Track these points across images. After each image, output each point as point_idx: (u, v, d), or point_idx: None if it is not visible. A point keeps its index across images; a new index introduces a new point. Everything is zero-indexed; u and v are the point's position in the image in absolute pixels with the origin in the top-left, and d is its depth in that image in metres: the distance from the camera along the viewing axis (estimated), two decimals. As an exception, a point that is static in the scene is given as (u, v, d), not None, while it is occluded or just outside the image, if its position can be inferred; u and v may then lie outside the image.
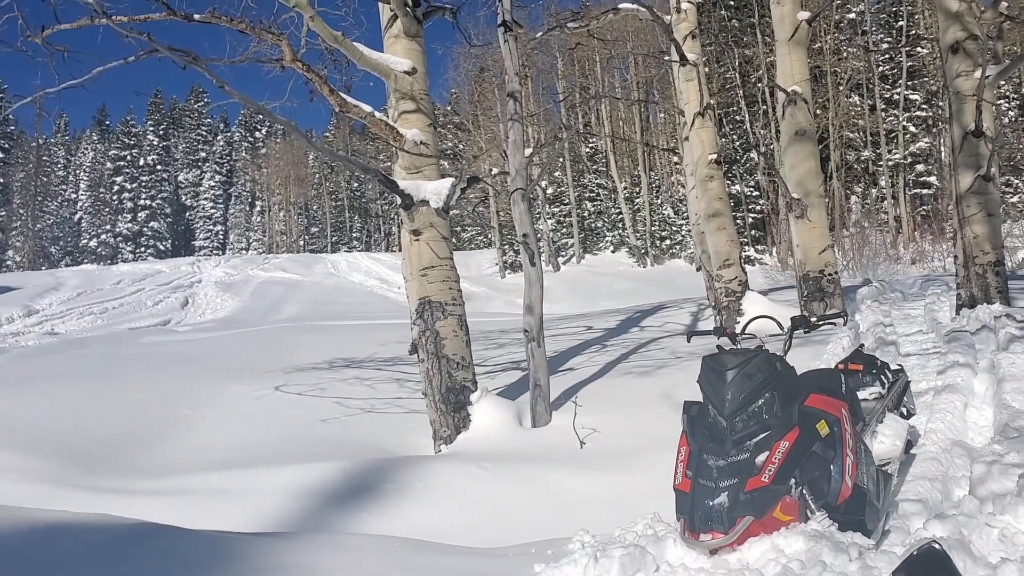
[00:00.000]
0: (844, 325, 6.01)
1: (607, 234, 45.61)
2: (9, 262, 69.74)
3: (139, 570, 2.90)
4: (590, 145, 46.63)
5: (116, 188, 76.29)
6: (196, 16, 5.74)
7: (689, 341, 4.24)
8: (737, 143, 38.31)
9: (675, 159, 39.87)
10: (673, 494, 3.32)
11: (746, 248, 34.44)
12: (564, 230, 46.20)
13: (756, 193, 39.12)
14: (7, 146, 74.16)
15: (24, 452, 6.12)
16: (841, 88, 36.87)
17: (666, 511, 3.56)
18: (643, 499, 4.39)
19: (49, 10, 6.24)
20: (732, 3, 38.92)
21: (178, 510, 4.54)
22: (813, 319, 3.93)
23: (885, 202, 36.45)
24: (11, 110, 7.50)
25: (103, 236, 74.81)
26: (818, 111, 31.87)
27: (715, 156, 10.79)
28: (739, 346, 3.66)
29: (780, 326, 3.91)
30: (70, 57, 6.57)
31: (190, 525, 3.82)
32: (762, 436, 3.20)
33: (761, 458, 3.14)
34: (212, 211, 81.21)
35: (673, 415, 5.59)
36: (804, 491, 3.19)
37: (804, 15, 10.03)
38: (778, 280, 25.87)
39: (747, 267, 11.26)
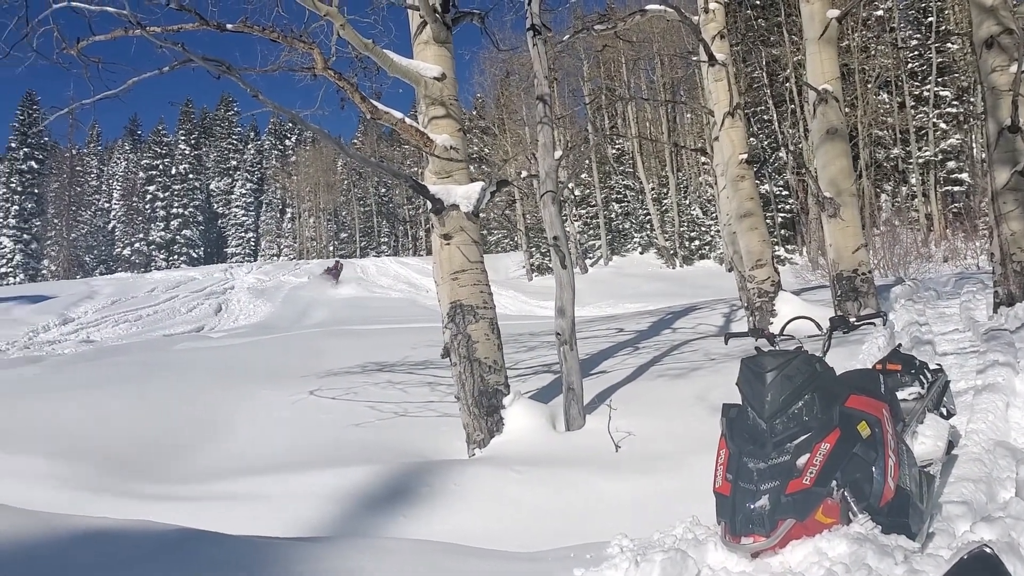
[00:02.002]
0: (883, 325, 5.95)
1: (635, 235, 45.46)
2: (44, 271, 70.83)
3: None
4: (617, 146, 46.51)
5: (149, 197, 77.26)
6: (229, 26, 5.79)
7: (727, 343, 4.20)
8: (765, 143, 38.06)
9: (703, 159, 39.68)
10: (712, 497, 3.29)
11: (776, 248, 34.16)
12: (591, 232, 46.13)
13: (785, 193, 38.82)
14: (41, 157, 75.34)
15: (64, 459, 6.21)
16: (870, 86, 36.50)
17: (705, 514, 3.53)
18: (681, 502, 4.36)
19: (84, 22, 6.34)
20: (758, 3, 38.65)
21: (216, 515, 4.58)
22: (852, 319, 3.89)
23: (916, 200, 36.02)
24: (47, 122, 7.62)
25: (137, 244, 75.80)
26: (847, 109, 31.55)
27: (745, 156, 10.72)
28: (777, 347, 3.63)
29: (818, 327, 3.87)
30: (104, 68, 6.67)
31: (229, 530, 3.85)
32: (803, 438, 3.16)
33: (802, 460, 3.11)
34: (243, 218, 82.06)
35: (709, 418, 5.57)
36: (846, 493, 3.15)
37: (834, 13, 9.93)
38: (809, 280, 25.64)
39: (778, 267, 11.16)
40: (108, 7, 5.97)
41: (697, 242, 42.46)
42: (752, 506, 3.08)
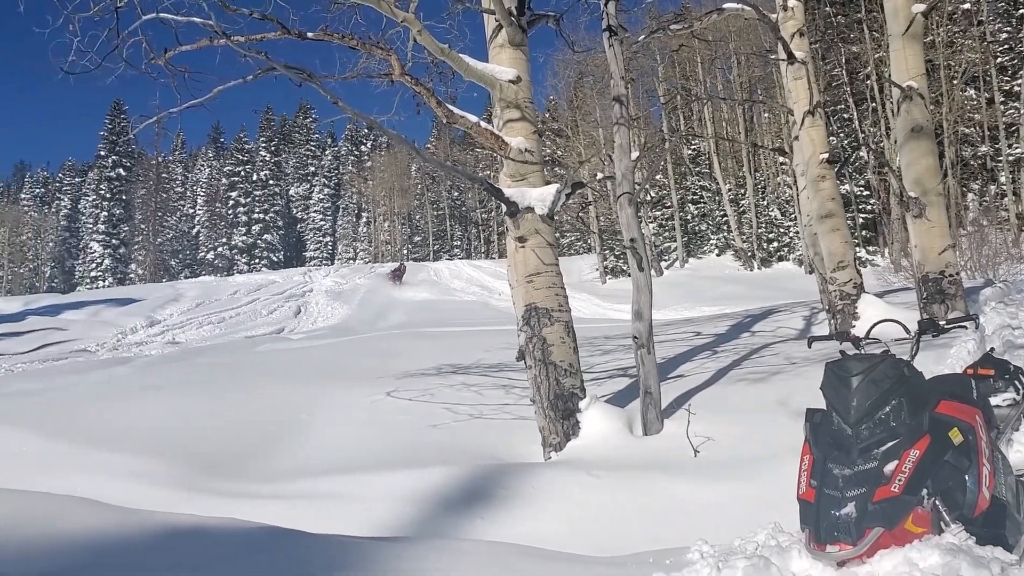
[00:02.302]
0: (975, 329, 5.73)
1: (711, 237, 44.86)
2: (132, 275, 73.37)
3: (265, 574, 2.98)
4: (692, 147, 45.99)
5: (231, 203, 79.36)
6: (309, 34, 5.91)
7: (811, 347, 4.11)
8: (845, 142, 37.17)
9: (781, 159, 38.95)
10: (795, 504, 3.22)
11: (857, 249, 33.31)
12: (667, 234, 45.68)
13: (866, 193, 37.85)
14: (129, 164, 78.11)
15: (152, 457, 6.41)
16: (956, 82, 35.32)
17: (788, 521, 3.45)
18: (762, 509, 4.27)
19: (171, 33, 6.54)
20: (837, -1, 37.82)
21: (299, 514, 4.67)
22: (942, 322, 3.76)
23: (1005, 199, 34.70)
24: (137, 130, 7.88)
25: (219, 249, 77.93)
26: (931, 106, 30.57)
27: (826, 155, 10.48)
28: (863, 351, 3.53)
29: (906, 330, 3.76)
30: (190, 78, 6.86)
31: (311, 529, 3.92)
32: (890, 444, 3.07)
33: (890, 467, 3.01)
34: (321, 223, 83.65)
35: (790, 423, 5.45)
36: (937, 502, 3.04)
37: (919, 7, 9.64)
38: (891, 282, 24.91)
39: (860, 269, 10.87)
40: (195, 18, 6.15)
41: (775, 244, 41.70)
42: (838, 513, 3.01)
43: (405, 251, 75.50)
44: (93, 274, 73.89)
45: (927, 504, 3.01)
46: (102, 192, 76.04)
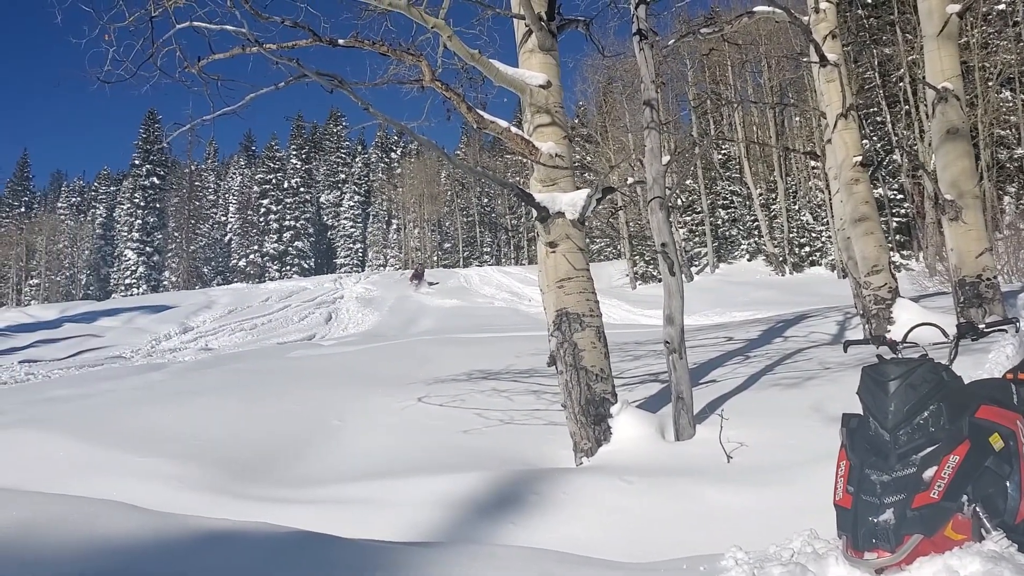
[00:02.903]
0: (1015, 333, 5.64)
1: (742, 242, 44.57)
2: (166, 282, 74.31)
3: (300, 577, 3.00)
4: (723, 151, 45.75)
5: (263, 210, 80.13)
6: (340, 41, 5.95)
7: (846, 351, 4.06)
8: (879, 145, 36.77)
9: (813, 163, 38.63)
10: (831, 510, 3.18)
11: (891, 253, 32.92)
12: (697, 239, 45.45)
13: (900, 196, 37.40)
14: (163, 173, 79.17)
15: (187, 461, 6.47)
16: (991, 83, 34.81)
17: (823, 528, 3.41)
18: (797, 515, 4.22)
19: (204, 42, 6.62)
20: (870, 1, 37.42)
21: (331, 519, 4.68)
22: (981, 326, 3.70)
23: (1043, 202, 34.14)
24: (171, 138, 7.96)
25: (251, 256, 78.69)
26: (966, 108, 30.14)
27: (860, 158, 10.37)
28: (900, 355, 3.48)
29: (944, 334, 3.70)
30: (223, 85, 6.94)
31: (344, 534, 3.93)
32: (929, 450, 3.02)
33: (929, 473, 2.97)
34: (352, 230, 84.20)
35: (824, 428, 5.39)
36: (978, 509, 2.99)
37: (954, 8, 9.52)
38: (926, 287, 24.57)
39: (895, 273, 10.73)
40: (228, 26, 6.22)
41: (807, 248, 41.34)
42: (876, 520, 2.97)
43: (435, 257, 75.77)
44: (128, 281, 74.92)
45: (967, 511, 2.96)
46: (136, 200, 77.11)
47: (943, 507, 2.91)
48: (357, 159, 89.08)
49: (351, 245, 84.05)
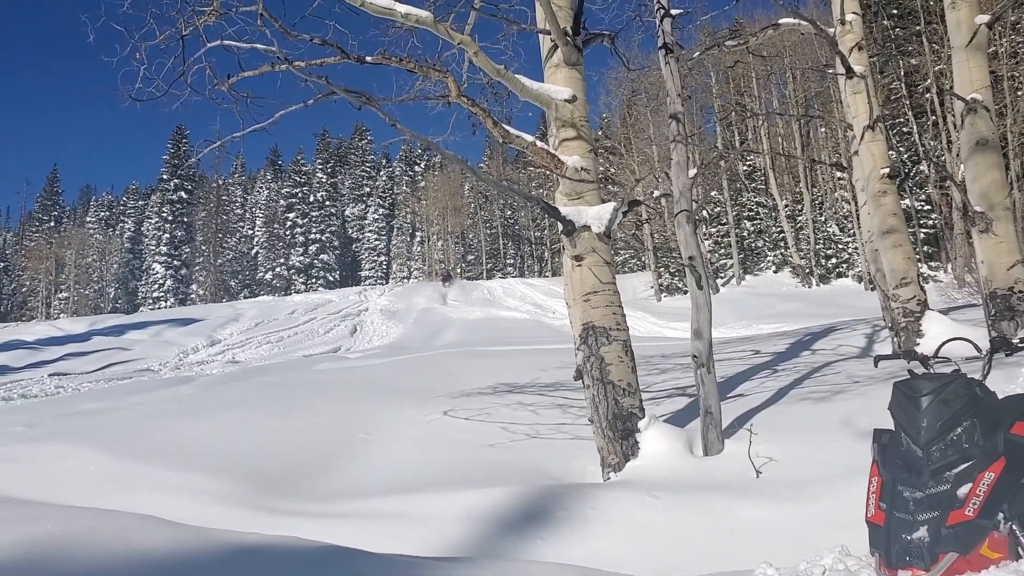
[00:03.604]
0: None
1: (768, 254, 44.30)
2: (193, 295, 74.96)
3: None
4: (748, 163, 45.57)
5: (289, 223, 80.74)
6: (368, 58, 6.00)
7: (876, 365, 4.02)
8: (905, 156, 36.48)
9: (839, 174, 38.37)
10: (863, 527, 3.15)
11: (919, 265, 32.58)
12: (723, 251, 45.23)
13: (928, 207, 37.04)
14: (190, 187, 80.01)
15: (217, 475, 6.51)
16: (1020, 93, 34.43)
17: (855, 544, 3.38)
18: (827, 531, 4.19)
19: (234, 59, 6.71)
20: (896, 12, 37.18)
21: (360, 533, 4.70)
22: (1015, 340, 3.66)
23: (1076, 212, 33.67)
24: (201, 155, 8.05)
25: (277, 269, 79.27)
26: (996, 118, 29.79)
27: (887, 170, 10.29)
28: (932, 370, 3.45)
29: (977, 348, 3.66)
30: (252, 102, 7.01)
31: (372, 548, 3.94)
32: (963, 466, 2.99)
33: (963, 490, 2.94)
34: (376, 242, 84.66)
35: (855, 443, 5.34)
36: (1014, 527, 2.95)
37: (983, 19, 9.45)
38: (955, 299, 24.29)
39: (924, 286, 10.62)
40: (258, 45, 6.29)
41: (834, 260, 41.02)
42: (909, 537, 2.94)
43: (459, 269, 75.96)
44: (155, 295, 75.68)
45: (1003, 529, 2.93)
46: (164, 215, 77.98)
47: (979, 525, 2.88)
48: (382, 172, 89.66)
49: (375, 258, 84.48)
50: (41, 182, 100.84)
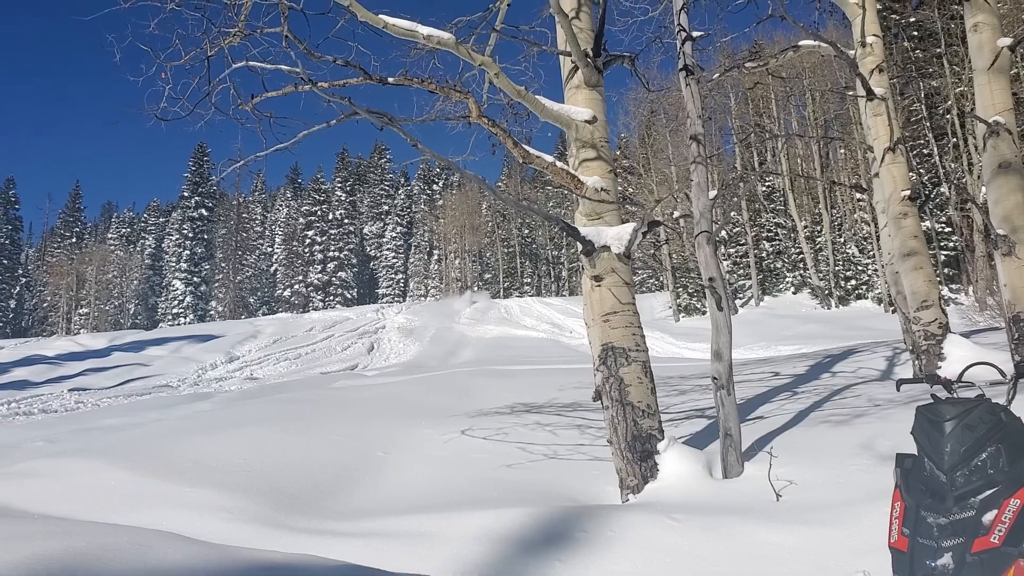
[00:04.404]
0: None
1: (787, 275, 44.11)
2: (212, 312, 75.43)
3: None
4: (767, 184, 45.49)
5: (308, 241, 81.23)
6: (390, 79, 6.05)
7: (899, 389, 3.99)
8: (926, 178, 36.31)
9: (859, 196, 38.23)
10: (886, 552, 3.11)
11: (940, 287, 32.32)
12: (742, 271, 45.09)
13: (948, 229, 36.82)
14: (211, 205, 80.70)
15: (236, 492, 6.52)
16: (1044, 115, 34.25)
17: (876, 569, 3.35)
18: (849, 556, 4.15)
19: (258, 80, 6.79)
20: (916, 34, 37.14)
21: (378, 552, 4.69)
22: (1041, 365, 3.61)
23: (1102, 235, 33.34)
24: (224, 174, 8.14)
25: (296, 286, 79.69)
26: (1019, 141, 29.50)
27: (908, 192, 10.25)
28: (955, 395, 3.42)
29: (1001, 373, 3.62)
30: (275, 122, 7.09)
31: (389, 567, 3.94)
32: (989, 493, 2.95)
33: (989, 517, 2.90)
34: (394, 260, 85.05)
35: (877, 467, 5.29)
36: (1040, 555, 2.91)
37: (1005, 41, 9.42)
38: (976, 321, 24.04)
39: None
40: (282, 66, 6.37)
41: (853, 281, 40.80)
42: (933, 564, 2.90)
43: (475, 288, 76.13)
44: (175, 311, 76.22)
45: (1029, 557, 2.89)
46: (185, 231, 78.65)
47: (1004, 552, 2.84)
48: (400, 191, 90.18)
49: (393, 276, 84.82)
50: (64, 198, 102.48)
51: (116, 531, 3.98)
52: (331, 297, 77.71)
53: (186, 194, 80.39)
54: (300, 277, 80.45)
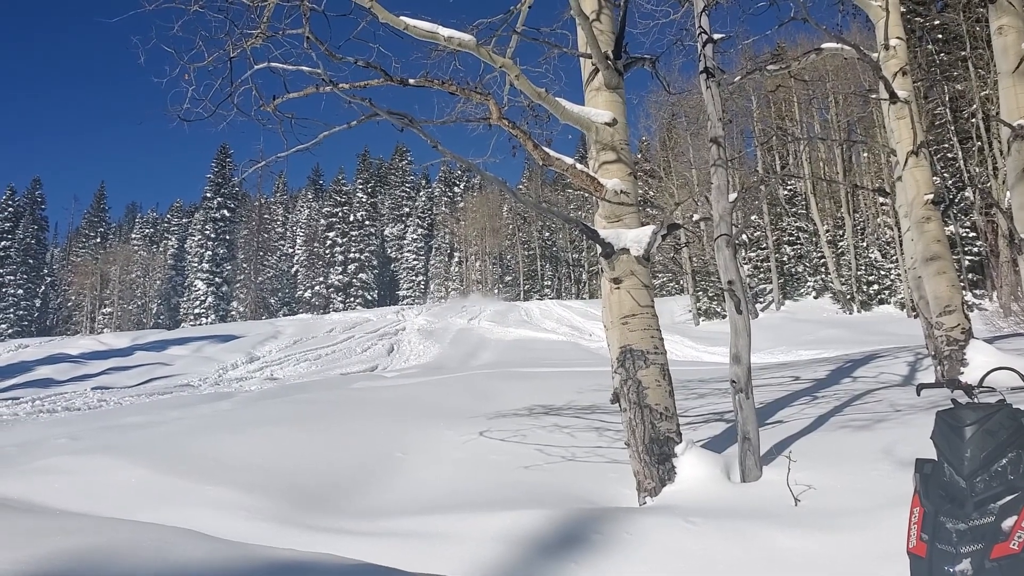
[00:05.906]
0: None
1: (808, 279, 43.84)
2: (234, 312, 75.88)
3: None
4: (788, 187, 45.24)
5: (329, 243, 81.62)
6: (411, 81, 6.08)
7: (919, 394, 3.97)
8: (950, 182, 35.98)
9: (881, 200, 37.95)
10: (905, 558, 3.10)
11: (964, 292, 32.00)
12: (762, 275, 44.84)
13: (973, 234, 36.46)
14: (233, 206, 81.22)
15: (255, 491, 6.57)
16: (1071, 119, 33.83)
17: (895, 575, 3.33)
18: (868, 561, 4.13)
19: (279, 81, 6.84)
20: (940, 36, 36.82)
21: (395, 551, 4.71)
22: (1064, 371, 3.58)
23: None
24: (246, 174, 8.20)
25: (317, 287, 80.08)
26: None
27: (931, 196, 10.17)
28: (976, 400, 3.40)
29: (1023, 378, 3.60)
30: (297, 123, 7.14)
31: (407, 567, 3.95)
32: (1009, 499, 2.93)
33: (1008, 523, 2.88)
34: (414, 262, 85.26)
35: (896, 473, 5.25)
36: (1062, 563, 2.89)
37: (1031, 43, 9.32)
38: (1000, 327, 23.80)
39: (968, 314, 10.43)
40: (303, 67, 6.41)
41: (876, 286, 40.49)
42: (952, 570, 2.89)
43: (496, 291, 76.14)
44: (197, 311, 76.74)
45: (1049, 564, 2.86)
46: (207, 232, 79.21)
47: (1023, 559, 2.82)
48: (421, 193, 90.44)
49: (413, 277, 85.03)
50: (89, 199, 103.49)
51: (136, 528, 4.03)
52: (351, 298, 78.02)
53: (209, 195, 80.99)
54: (321, 278, 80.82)
